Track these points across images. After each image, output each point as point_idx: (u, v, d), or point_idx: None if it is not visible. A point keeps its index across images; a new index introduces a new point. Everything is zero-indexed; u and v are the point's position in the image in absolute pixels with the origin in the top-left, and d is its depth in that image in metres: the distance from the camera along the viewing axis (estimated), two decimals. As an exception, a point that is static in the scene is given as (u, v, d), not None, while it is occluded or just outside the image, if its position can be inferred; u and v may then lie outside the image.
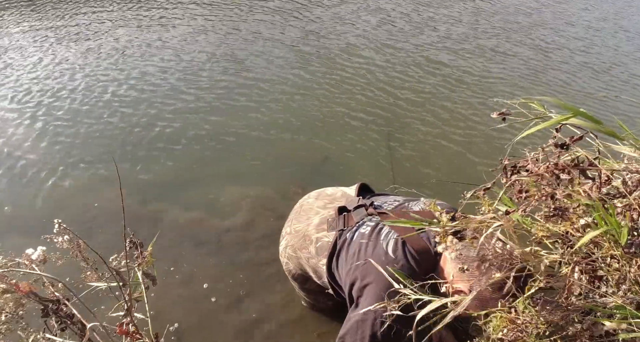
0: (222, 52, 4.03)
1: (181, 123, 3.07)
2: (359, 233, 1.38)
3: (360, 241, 1.35)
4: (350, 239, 1.38)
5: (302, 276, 1.63)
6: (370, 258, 1.27)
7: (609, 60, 4.46)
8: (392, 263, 1.23)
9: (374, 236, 1.34)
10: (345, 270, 1.34)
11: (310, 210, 1.60)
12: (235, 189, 2.53)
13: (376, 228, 1.36)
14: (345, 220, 1.46)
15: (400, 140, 2.99)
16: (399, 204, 1.47)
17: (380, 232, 1.34)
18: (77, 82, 3.50)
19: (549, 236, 0.88)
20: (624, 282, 0.88)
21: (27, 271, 1.13)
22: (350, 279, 1.31)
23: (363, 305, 1.23)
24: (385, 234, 1.33)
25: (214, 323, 1.86)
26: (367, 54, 4.12)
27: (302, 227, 1.57)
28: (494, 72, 3.99)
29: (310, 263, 1.52)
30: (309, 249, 1.51)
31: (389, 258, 1.25)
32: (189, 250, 2.17)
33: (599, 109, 3.57)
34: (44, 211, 2.37)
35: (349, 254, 1.36)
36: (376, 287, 1.22)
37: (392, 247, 1.28)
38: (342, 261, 1.37)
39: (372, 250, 1.30)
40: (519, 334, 0.86)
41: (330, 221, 1.49)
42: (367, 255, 1.30)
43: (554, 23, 5.24)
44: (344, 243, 1.39)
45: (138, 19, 4.60)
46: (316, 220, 1.54)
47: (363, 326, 1.22)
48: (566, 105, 0.85)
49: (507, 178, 0.89)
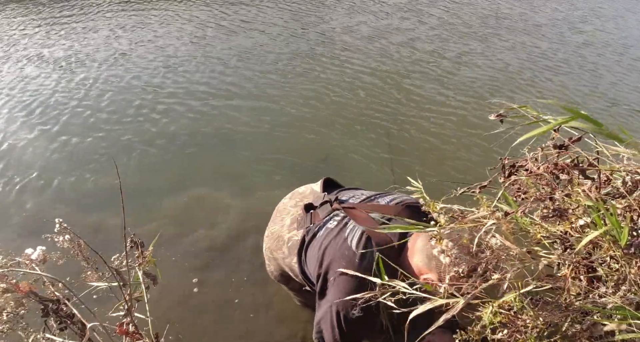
0: (208, 51, 4.03)
1: (179, 123, 3.07)
2: (325, 228, 1.39)
3: (326, 236, 1.36)
4: (316, 235, 1.40)
5: (283, 277, 1.64)
6: (336, 252, 1.30)
7: (610, 61, 4.46)
8: (356, 258, 1.26)
9: (340, 231, 1.35)
10: (313, 265, 1.37)
11: (284, 210, 1.63)
12: (233, 189, 2.53)
13: (341, 223, 1.38)
14: (312, 217, 1.48)
15: (401, 140, 2.99)
16: (366, 197, 1.47)
17: (345, 226, 1.36)
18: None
19: (548, 237, 0.88)
20: (623, 282, 0.88)
21: (27, 271, 1.13)
22: (317, 272, 1.34)
23: (332, 294, 1.28)
24: (351, 229, 1.34)
25: (209, 323, 1.87)
26: (366, 54, 4.12)
27: (277, 229, 1.60)
28: (495, 72, 3.99)
29: (286, 263, 1.54)
30: (283, 250, 1.54)
31: (352, 252, 1.27)
32: (186, 248, 2.18)
33: (600, 110, 3.56)
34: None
35: (315, 250, 1.38)
36: (342, 280, 1.26)
37: (356, 242, 1.29)
38: (310, 257, 1.40)
39: (337, 245, 1.32)
40: (518, 335, 0.86)
41: (299, 219, 1.52)
42: (332, 249, 1.32)
43: (556, 25, 5.23)
44: (311, 240, 1.41)
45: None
46: (288, 220, 1.57)
47: (330, 314, 1.28)
48: (567, 107, 0.84)
49: (505, 177, 0.89)
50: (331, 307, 1.27)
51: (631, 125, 3.38)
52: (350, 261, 1.26)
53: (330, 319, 1.28)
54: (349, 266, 1.24)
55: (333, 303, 1.26)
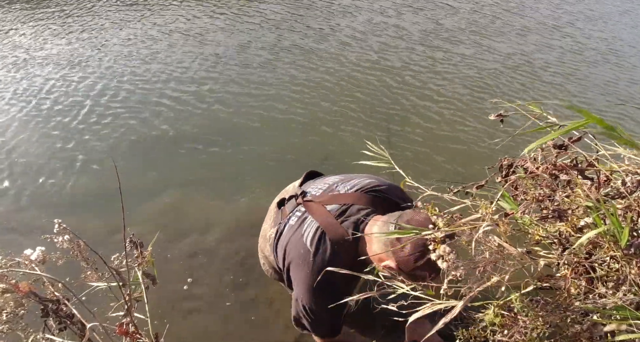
0: (208, 51, 4.03)
1: (177, 124, 3.07)
2: (288, 225, 1.42)
3: (287, 233, 1.40)
4: (282, 232, 1.43)
5: (277, 273, 1.66)
6: (293, 250, 1.35)
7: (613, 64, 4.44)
8: (310, 255, 1.30)
9: (298, 227, 1.37)
10: (280, 263, 1.43)
11: (271, 209, 1.66)
12: (232, 190, 2.53)
13: (301, 218, 1.40)
14: (282, 213, 1.51)
15: (401, 140, 2.99)
16: (327, 186, 1.48)
17: (303, 222, 1.37)
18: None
19: (547, 237, 0.88)
20: (623, 283, 0.88)
21: (26, 271, 1.13)
22: (284, 269, 1.41)
23: (296, 290, 1.36)
24: (308, 224, 1.36)
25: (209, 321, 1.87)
26: (366, 54, 4.11)
27: (265, 227, 1.65)
28: (497, 73, 3.98)
29: (271, 260, 1.57)
30: (267, 247, 1.58)
31: (307, 249, 1.31)
32: (180, 248, 2.17)
33: (603, 111, 3.55)
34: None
35: (281, 247, 1.42)
36: (300, 278, 1.33)
37: (310, 238, 1.32)
38: (278, 254, 1.45)
39: (295, 242, 1.36)
40: (518, 336, 0.86)
41: (274, 216, 1.56)
42: (291, 247, 1.36)
43: (563, 24, 5.22)
44: (279, 237, 1.44)
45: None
46: (270, 219, 1.61)
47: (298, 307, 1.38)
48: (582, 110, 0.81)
49: (502, 177, 0.89)
50: (297, 300, 1.37)
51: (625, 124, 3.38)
52: (305, 259, 1.30)
53: (302, 312, 1.38)
54: (304, 264, 1.30)
55: (298, 298, 1.36)
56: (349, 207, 1.36)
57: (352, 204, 1.36)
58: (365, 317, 1.76)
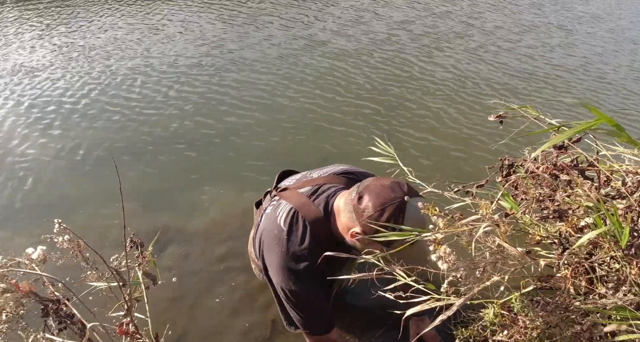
0: (211, 50, 4.02)
1: (176, 125, 3.07)
2: (265, 215, 1.43)
3: (263, 222, 1.41)
4: (259, 224, 1.44)
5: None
6: (267, 234, 1.34)
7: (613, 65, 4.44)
8: (284, 234, 1.30)
9: (272, 213, 1.38)
10: (258, 251, 1.43)
11: (254, 213, 1.70)
12: (232, 190, 2.52)
13: (277, 206, 1.41)
14: (260, 210, 1.54)
15: (400, 141, 2.98)
16: (301, 175, 1.51)
17: (277, 208, 1.39)
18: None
19: (547, 237, 0.88)
20: (624, 283, 0.88)
21: (27, 271, 1.13)
22: (259, 257, 1.41)
23: (274, 273, 1.33)
24: (282, 208, 1.36)
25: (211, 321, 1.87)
26: (366, 55, 4.11)
27: (251, 231, 1.67)
28: (497, 73, 3.98)
29: (256, 260, 1.57)
30: (250, 248, 1.61)
31: (280, 229, 1.31)
32: (178, 247, 2.17)
33: (604, 111, 3.55)
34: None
35: (256, 238, 1.43)
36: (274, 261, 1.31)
37: (283, 219, 1.32)
38: (255, 246, 1.46)
39: (269, 226, 1.36)
40: (518, 336, 0.86)
41: (256, 216, 1.58)
42: (265, 232, 1.36)
43: (563, 25, 5.22)
44: (257, 229, 1.45)
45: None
46: (254, 221, 1.64)
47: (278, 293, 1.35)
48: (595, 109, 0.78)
49: (503, 177, 0.89)
50: (276, 286, 1.34)
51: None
52: (279, 239, 1.30)
53: (284, 298, 1.35)
54: (278, 244, 1.29)
55: (277, 283, 1.33)
56: (320, 186, 1.38)
57: (324, 184, 1.38)
58: (363, 316, 1.76)
